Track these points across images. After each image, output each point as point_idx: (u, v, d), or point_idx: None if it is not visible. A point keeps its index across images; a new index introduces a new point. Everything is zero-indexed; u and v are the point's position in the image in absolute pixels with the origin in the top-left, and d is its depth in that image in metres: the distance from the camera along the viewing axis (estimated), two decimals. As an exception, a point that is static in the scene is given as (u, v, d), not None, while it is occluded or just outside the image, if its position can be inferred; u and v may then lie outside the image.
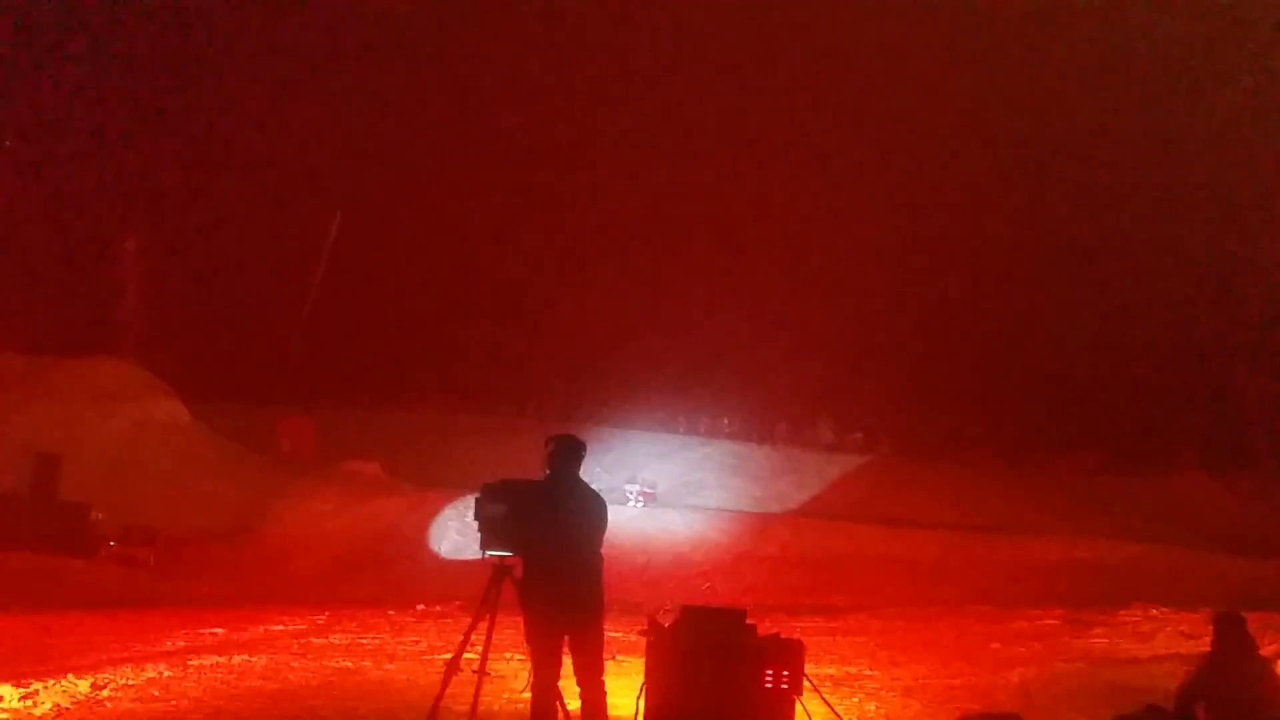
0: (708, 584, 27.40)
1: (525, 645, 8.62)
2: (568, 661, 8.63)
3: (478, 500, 8.68)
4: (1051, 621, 19.63)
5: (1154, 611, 19.91)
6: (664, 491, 36.53)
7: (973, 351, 43.14)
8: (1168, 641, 17.18)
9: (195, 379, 37.49)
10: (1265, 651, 10.94)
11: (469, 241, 44.46)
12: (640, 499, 35.61)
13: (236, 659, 14.17)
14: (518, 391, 41.87)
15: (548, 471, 8.75)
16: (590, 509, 8.77)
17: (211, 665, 13.61)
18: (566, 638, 8.57)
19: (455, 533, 29.04)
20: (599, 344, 42.45)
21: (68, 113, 41.19)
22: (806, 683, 9.33)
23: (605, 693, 8.66)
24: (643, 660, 9.39)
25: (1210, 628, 9.87)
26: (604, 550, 8.72)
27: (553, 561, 8.54)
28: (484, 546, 8.68)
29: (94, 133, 40.79)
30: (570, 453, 8.81)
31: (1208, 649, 9.79)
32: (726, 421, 44.75)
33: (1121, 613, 19.98)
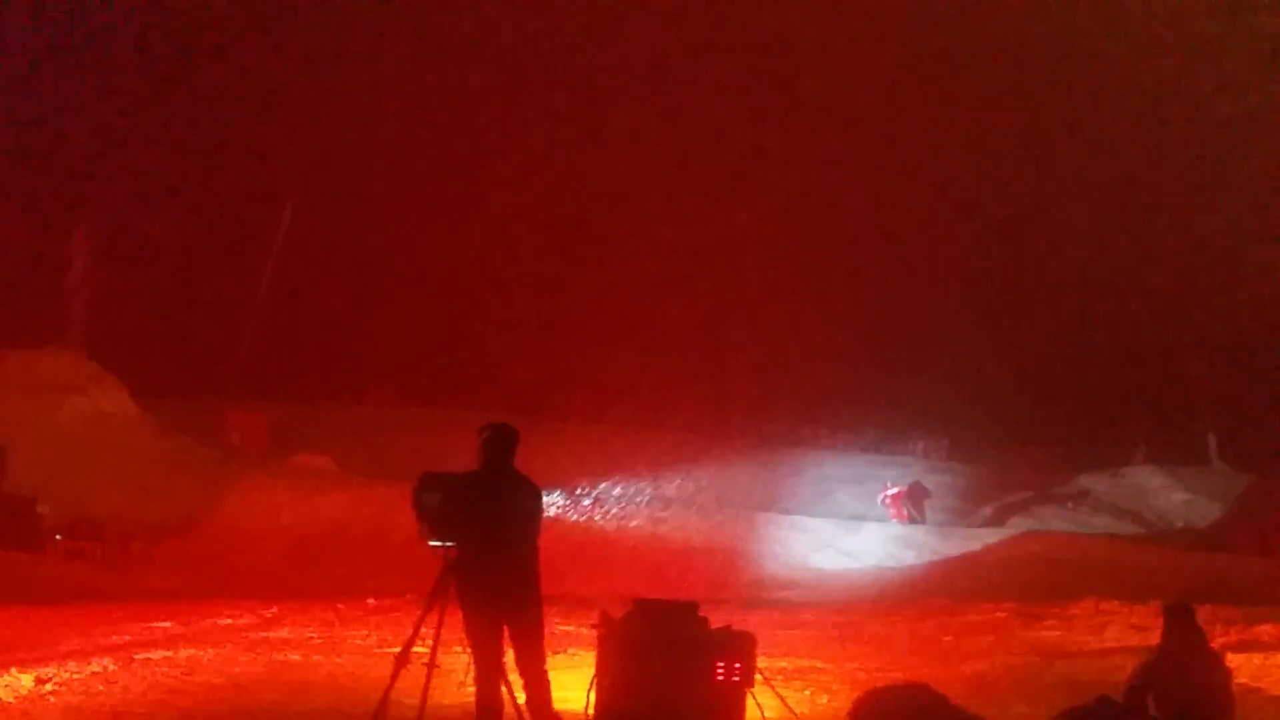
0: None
1: (465, 638, 8.56)
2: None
3: (415, 490, 8.62)
4: (1003, 614, 19.69)
5: (1105, 605, 19.99)
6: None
7: (924, 348, 43.38)
8: (1119, 634, 17.26)
9: (144, 371, 37.07)
10: (1215, 643, 11.03)
11: (444, 232, 44.17)
12: (891, 508, 31.44)
13: (184, 653, 14.00)
14: (473, 385, 41.64)
15: (481, 461, 8.68)
16: (523, 499, 8.70)
17: (159, 659, 13.43)
18: (506, 629, 8.51)
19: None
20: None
21: (13, 99, 40.58)
22: (758, 675, 9.32)
23: (549, 683, 8.60)
24: (594, 653, 9.35)
25: (1160, 620, 9.93)
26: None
27: (486, 552, 8.47)
28: (423, 536, 8.63)
29: (41, 121, 40.29)
30: (503, 441, 8.73)
31: (1158, 641, 9.85)
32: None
33: (1073, 606, 20.06)
